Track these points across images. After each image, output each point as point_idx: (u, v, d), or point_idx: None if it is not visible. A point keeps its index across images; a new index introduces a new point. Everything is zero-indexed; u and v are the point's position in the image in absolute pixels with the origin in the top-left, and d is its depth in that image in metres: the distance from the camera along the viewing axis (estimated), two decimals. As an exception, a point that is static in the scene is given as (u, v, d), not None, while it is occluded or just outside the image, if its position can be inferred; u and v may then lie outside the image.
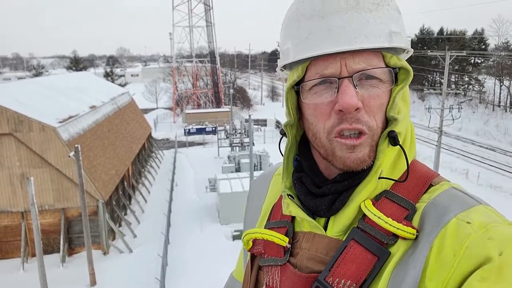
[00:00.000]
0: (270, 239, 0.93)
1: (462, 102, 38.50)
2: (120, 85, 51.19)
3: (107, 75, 61.64)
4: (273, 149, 31.52)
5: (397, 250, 0.77)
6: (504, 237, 0.68)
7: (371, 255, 0.78)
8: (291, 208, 0.91)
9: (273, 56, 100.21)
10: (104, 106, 24.01)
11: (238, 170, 25.31)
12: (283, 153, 0.98)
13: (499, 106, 49.99)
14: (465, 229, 0.71)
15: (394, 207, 0.81)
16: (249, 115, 18.97)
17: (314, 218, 0.89)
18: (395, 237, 0.78)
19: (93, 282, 15.25)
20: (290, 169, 0.97)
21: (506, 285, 0.63)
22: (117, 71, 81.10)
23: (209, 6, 53.44)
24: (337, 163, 0.84)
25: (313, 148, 0.94)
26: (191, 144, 38.96)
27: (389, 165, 0.84)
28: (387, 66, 0.84)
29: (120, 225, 20.14)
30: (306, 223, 0.90)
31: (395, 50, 0.87)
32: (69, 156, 15.00)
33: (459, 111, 22.73)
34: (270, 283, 0.93)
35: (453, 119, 22.02)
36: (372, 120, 0.82)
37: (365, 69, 0.81)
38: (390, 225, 0.77)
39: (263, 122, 46.30)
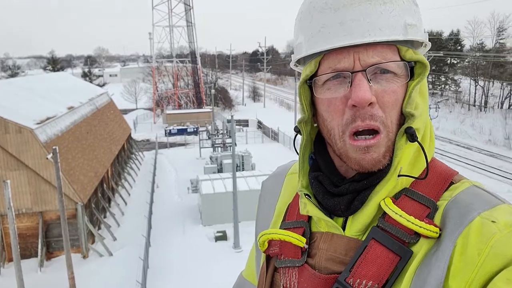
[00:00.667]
0: (287, 239, 0.90)
1: (439, 101, 39.37)
2: (98, 85, 50.46)
3: (85, 76, 60.67)
4: (255, 149, 31.56)
5: (420, 249, 0.75)
6: None
7: (393, 255, 0.76)
8: (308, 208, 0.89)
9: (254, 57, 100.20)
10: (82, 107, 23.57)
11: (220, 171, 25.22)
12: (298, 151, 0.95)
13: (474, 105, 51.28)
14: (490, 228, 0.69)
15: (414, 205, 0.80)
16: (231, 116, 18.91)
17: (331, 218, 0.87)
18: (417, 235, 0.76)
19: (73, 286, 14.92)
20: (306, 168, 0.95)
21: None
22: (95, 71, 79.81)
23: (189, 6, 53.12)
24: (352, 165, 0.82)
25: (328, 145, 0.92)
26: (172, 145, 38.62)
27: (408, 162, 0.82)
28: (402, 59, 0.81)
29: (99, 228, 19.80)
30: (323, 223, 0.88)
31: (412, 44, 0.85)
32: (47, 158, 14.66)
33: (436, 111, 23.22)
34: (288, 285, 0.90)
35: (430, 119, 22.44)
36: (387, 116, 0.79)
37: (379, 62, 0.79)
38: (413, 223, 0.75)
39: (245, 123, 46.27)
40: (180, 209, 21.98)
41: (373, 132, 0.79)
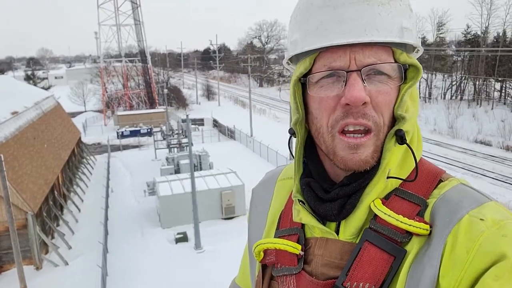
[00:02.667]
0: (283, 248, 0.90)
1: (387, 95, 40.80)
2: (43, 88, 48.09)
3: (28, 78, 57.69)
4: (212, 148, 31.34)
5: (412, 247, 0.76)
6: None
7: (387, 255, 0.77)
8: (302, 216, 0.89)
9: (206, 55, 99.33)
10: (27, 112, 22.35)
11: (177, 171, 24.80)
12: (293, 154, 0.94)
13: (419, 97, 53.74)
14: (478, 226, 0.70)
15: (404, 204, 0.80)
16: (187, 115, 18.63)
17: (324, 223, 0.87)
18: (409, 234, 0.77)
19: (26, 300, 14.17)
20: (301, 172, 0.94)
21: None
22: (39, 73, 76.08)
23: (137, 3, 51.73)
24: (338, 163, 0.82)
25: (318, 148, 0.91)
26: (126, 147, 37.49)
27: (396, 164, 0.83)
28: (396, 62, 0.82)
29: (53, 237, 18.91)
30: (317, 229, 0.88)
31: (405, 47, 0.85)
32: (-9, 167, 13.77)
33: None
34: None
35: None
36: (379, 116, 0.80)
37: (374, 63, 0.79)
38: (402, 222, 0.76)
39: (200, 122, 45.78)
40: (137, 213, 21.43)
41: (364, 131, 0.80)
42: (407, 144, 0.81)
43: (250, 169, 25.56)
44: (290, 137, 0.95)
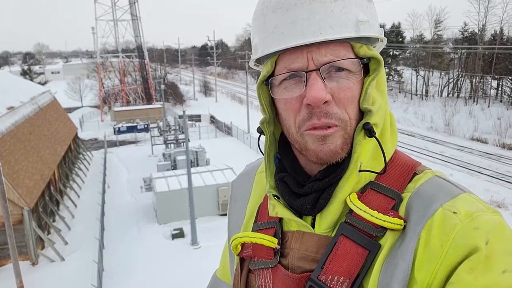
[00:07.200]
0: (259, 242, 0.90)
1: (384, 92, 40.82)
2: (40, 83, 47.91)
3: (24, 73, 57.38)
4: (209, 144, 31.33)
5: (386, 241, 0.76)
6: (489, 226, 0.69)
7: (362, 249, 0.77)
8: (277, 210, 0.89)
9: (204, 51, 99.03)
10: (23, 107, 22.27)
11: (174, 167, 24.79)
12: (263, 152, 0.95)
13: (416, 94, 53.91)
14: (451, 220, 0.70)
15: (380, 198, 0.81)
16: (184, 111, 18.62)
17: (301, 217, 0.88)
18: (384, 228, 0.77)
19: (22, 296, 14.17)
20: (272, 168, 0.95)
21: (493, 274, 0.64)
22: (36, 68, 75.76)
23: (134, -1, 51.47)
24: (311, 156, 0.83)
25: (292, 144, 0.92)
26: (122, 143, 37.43)
27: (368, 157, 0.82)
28: (357, 56, 0.82)
29: (49, 233, 18.91)
30: (294, 222, 0.89)
31: (368, 40, 0.85)
32: (-13, 163, 13.73)
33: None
34: (263, 286, 0.90)
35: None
36: (343, 112, 0.80)
37: (332, 61, 0.79)
38: (376, 218, 0.76)
39: (197, 118, 45.72)
40: (134, 209, 21.43)
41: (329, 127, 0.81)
42: (376, 138, 0.81)
43: (247, 165, 25.55)
44: (260, 135, 0.96)
